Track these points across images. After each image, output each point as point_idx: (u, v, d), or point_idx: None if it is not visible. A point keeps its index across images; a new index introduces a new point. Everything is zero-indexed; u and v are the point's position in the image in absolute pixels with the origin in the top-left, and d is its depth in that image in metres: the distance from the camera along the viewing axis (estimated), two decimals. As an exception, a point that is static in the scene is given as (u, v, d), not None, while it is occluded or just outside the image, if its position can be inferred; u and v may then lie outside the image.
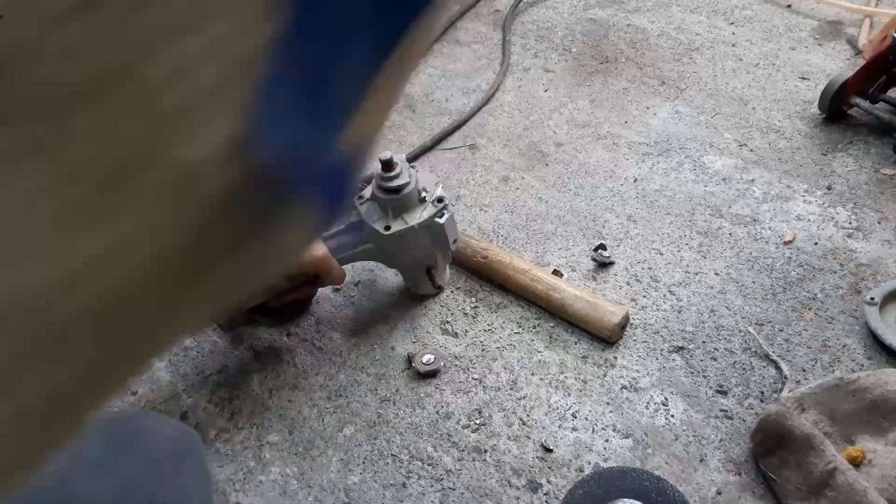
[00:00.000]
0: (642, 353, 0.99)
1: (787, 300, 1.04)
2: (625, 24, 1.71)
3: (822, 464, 0.78)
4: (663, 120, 1.41)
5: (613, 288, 1.09)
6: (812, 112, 1.38)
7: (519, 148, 1.38)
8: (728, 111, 1.42)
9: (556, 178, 1.30)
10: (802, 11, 1.69)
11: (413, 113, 1.50)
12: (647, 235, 1.17)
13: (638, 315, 1.05)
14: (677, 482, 0.85)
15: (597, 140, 1.38)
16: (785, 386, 0.92)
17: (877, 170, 1.24)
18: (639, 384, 0.96)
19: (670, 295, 1.07)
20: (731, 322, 1.02)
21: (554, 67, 1.59)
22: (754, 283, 1.07)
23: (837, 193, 1.20)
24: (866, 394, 0.84)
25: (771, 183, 1.24)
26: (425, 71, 1.62)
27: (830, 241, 1.12)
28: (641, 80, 1.53)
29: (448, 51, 1.69)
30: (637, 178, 1.28)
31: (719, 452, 0.87)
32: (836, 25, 1.63)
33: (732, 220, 1.18)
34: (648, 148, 1.35)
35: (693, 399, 0.93)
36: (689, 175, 1.28)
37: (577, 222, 1.21)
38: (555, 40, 1.68)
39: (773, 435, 0.83)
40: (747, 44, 1.61)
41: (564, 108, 1.47)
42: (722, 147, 1.33)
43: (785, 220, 1.17)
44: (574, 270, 1.12)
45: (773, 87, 1.47)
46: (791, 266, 1.09)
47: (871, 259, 1.08)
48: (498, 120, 1.46)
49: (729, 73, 1.52)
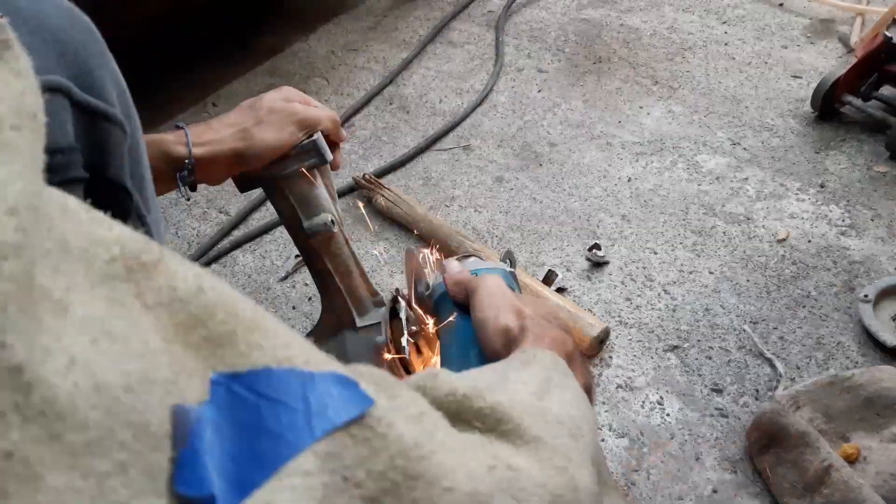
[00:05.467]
0: (637, 353, 0.99)
1: (781, 298, 1.04)
2: (618, 24, 1.72)
3: (817, 461, 0.78)
4: (657, 119, 1.41)
5: (608, 287, 1.09)
6: (805, 110, 1.38)
7: (513, 148, 1.38)
8: (721, 110, 1.42)
9: (551, 179, 1.30)
10: (794, 10, 1.70)
11: (407, 114, 1.50)
12: (642, 235, 1.17)
13: (633, 314, 1.05)
14: (673, 481, 0.85)
15: (590, 140, 1.38)
16: (780, 384, 0.92)
17: (869, 167, 1.24)
18: (634, 383, 0.96)
19: (665, 294, 1.07)
20: (725, 320, 1.02)
21: (547, 68, 1.59)
22: (748, 282, 1.07)
23: (830, 191, 1.21)
24: (861, 391, 0.84)
25: (764, 181, 1.24)
26: (419, 72, 1.62)
27: (824, 239, 1.12)
28: (635, 80, 1.53)
29: (441, 52, 1.69)
30: (631, 178, 1.28)
31: (715, 451, 0.88)
32: (828, 23, 1.63)
33: (726, 219, 1.18)
34: (642, 147, 1.35)
35: (688, 398, 0.93)
36: (683, 174, 1.28)
37: (571, 222, 1.21)
38: (548, 41, 1.68)
39: (769, 433, 0.83)
40: (740, 43, 1.61)
41: (558, 109, 1.47)
42: (715, 146, 1.33)
43: (778, 218, 1.17)
44: (569, 270, 1.12)
45: (765, 85, 1.47)
46: (785, 264, 1.09)
47: (865, 256, 1.09)
48: (492, 121, 1.46)
49: (721, 72, 1.52)
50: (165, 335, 0.25)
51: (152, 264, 0.26)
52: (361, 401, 0.28)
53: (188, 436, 0.23)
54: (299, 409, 0.26)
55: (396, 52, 1.69)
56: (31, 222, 0.21)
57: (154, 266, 0.26)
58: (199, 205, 1.33)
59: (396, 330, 0.86)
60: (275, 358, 0.27)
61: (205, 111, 1.56)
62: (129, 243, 0.26)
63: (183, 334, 0.25)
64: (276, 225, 1.24)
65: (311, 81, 1.63)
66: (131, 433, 0.21)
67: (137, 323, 0.24)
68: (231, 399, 0.25)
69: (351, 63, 1.68)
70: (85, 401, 0.20)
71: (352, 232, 1.22)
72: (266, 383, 0.26)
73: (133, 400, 0.22)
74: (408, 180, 1.33)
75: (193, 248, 1.23)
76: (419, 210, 1.19)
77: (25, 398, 0.19)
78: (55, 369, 0.20)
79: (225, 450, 0.25)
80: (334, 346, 0.88)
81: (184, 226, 1.29)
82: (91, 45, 0.50)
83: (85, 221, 0.25)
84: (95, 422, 0.21)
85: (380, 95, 1.56)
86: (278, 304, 1.12)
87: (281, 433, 0.25)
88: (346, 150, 1.40)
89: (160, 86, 1.52)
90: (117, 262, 0.25)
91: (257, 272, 1.18)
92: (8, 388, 0.19)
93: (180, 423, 0.23)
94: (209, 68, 1.66)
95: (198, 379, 0.25)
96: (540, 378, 0.45)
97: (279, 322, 0.29)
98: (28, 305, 0.20)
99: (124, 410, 0.21)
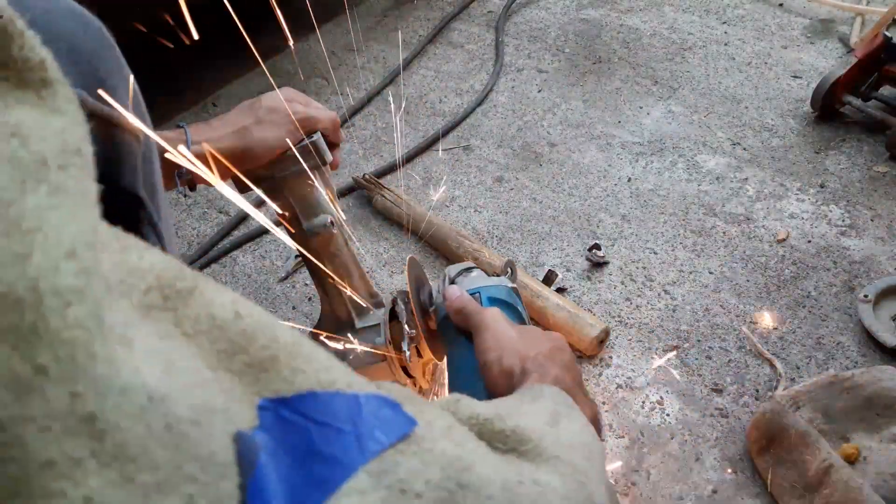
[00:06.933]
0: (637, 353, 0.99)
1: (781, 298, 1.04)
2: (617, 24, 1.72)
3: (817, 461, 0.78)
4: (656, 119, 1.41)
5: (608, 287, 1.09)
6: (804, 110, 1.38)
7: (513, 148, 1.38)
8: (721, 110, 1.42)
9: (551, 179, 1.30)
10: (794, 10, 1.70)
11: (407, 114, 1.50)
12: (642, 235, 1.17)
13: (633, 314, 1.05)
14: (673, 481, 0.85)
15: (590, 140, 1.38)
16: (780, 384, 0.92)
17: (869, 167, 1.24)
18: (634, 383, 0.96)
19: (665, 294, 1.07)
20: (725, 321, 1.02)
21: (547, 68, 1.59)
22: (748, 282, 1.07)
23: (830, 191, 1.21)
24: (861, 391, 0.84)
25: (764, 181, 1.24)
26: (419, 72, 1.62)
27: (824, 239, 1.12)
28: (634, 80, 1.53)
29: (441, 52, 1.69)
30: (631, 178, 1.28)
31: (715, 451, 0.87)
32: (828, 23, 1.63)
33: (726, 219, 1.18)
34: (642, 147, 1.35)
35: (688, 398, 0.93)
36: (683, 174, 1.28)
37: (571, 222, 1.21)
38: (548, 41, 1.68)
39: (769, 433, 0.83)
40: (739, 43, 1.61)
41: (558, 109, 1.47)
42: (715, 146, 1.33)
43: (778, 218, 1.17)
44: (569, 270, 1.12)
45: (765, 85, 1.47)
46: (785, 264, 1.09)
47: (865, 256, 1.09)
48: (492, 121, 1.46)
49: (721, 72, 1.52)
50: (209, 363, 0.25)
51: (188, 291, 0.26)
52: (406, 421, 0.29)
53: (255, 461, 0.24)
54: (348, 430, 0.27)
55: (396, 52, 1.69)
56: (91, 261, 0.21)
57: (190, 293, 0.26)
58: (199, 205, 1.33)
59: (396, 331, 0.86)
60: (318, 382, 0.27)
61: (205, 111, 1.56)
62: (163, 272, 0.26)
63: (226, 361, 0.26)
64: (276, 225, 1.24)
65: (311, 81, 1.63)
66: (199, 465, 0.22)
67: (185, 353, 0.24)
68: (280, 424, 0.26)
69: (351, 63, 1.68)
70: (156, 442, 0.21)
71: (352, 232, 1.22)
72: (313, 407, 0.27)
73: (199, 433, 0.22)
74: (408, 180, 1.33)
75: (193, 248, 1.23)
76: (419, 210, 1.19)
77: (101, 444, 0.19)
78: (129, 412, 0.20)
79: (280, 474, 0.25)
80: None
81: (184, 226, 1.29)
82: (104, 52, 0.50)
83: (117, 250, 0.25)
84: (165, 460, 0.21)
85: (380, 95, 1.56)
86: (278, 304, 1.12)
87: (333, 455, 0.26)
88: (346, 150, 1.40)
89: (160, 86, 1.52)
90: (154, 292, 0.25)
91: (257, 272, 1.18)
92: (84, 436, 0.19)
93: (245, 450, 0.24)
94: (209, 68, 1.66)
95: (246, 405, 0.25)
96: (549, 410, 0.46)
97: (316, 346, 0.29)
98: (101, 346, 0.20)
99: (192, 444, 0.22)
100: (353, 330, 0.87)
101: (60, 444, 0.19)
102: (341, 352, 0.87)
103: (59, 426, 0.19)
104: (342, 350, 0.87)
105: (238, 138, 0.76)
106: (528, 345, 0.59)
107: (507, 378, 0.57)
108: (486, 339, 0.61)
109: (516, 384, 0.55)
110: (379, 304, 0.90)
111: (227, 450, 0.23)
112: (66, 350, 0.19)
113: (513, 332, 0.61)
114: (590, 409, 0.53)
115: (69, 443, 0.19)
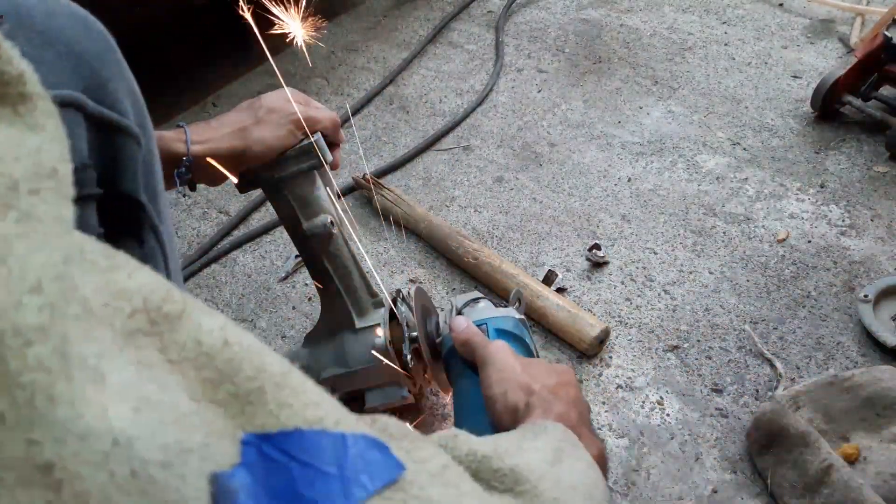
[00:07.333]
0: (637, 353, 0.99)
1: (781, 298, 1.04)
2: (617, 25, 1.72)
3: (817, 461, 0.78)
4: (656, 119, 1.41)
5: (608, 287, 1.09)
6: (804, 110, 1.38)
7: (513, 148, 1.38)
8: (721, 110, 1.42)
9: (551, 179, 1.30)
10: (794, 10, 1.70)
11: (407, 114, 1.50)
12: (642, 235, 1.17)
13: (633, 314, 1.05)
14: (673, 481, 0.85)
15: (590, 140, 1.38)
16: (780, 384, 0.92)
17: (869, 167, 1.24)
18: (634, 383, 0.96)
19: (665, 294, 1.07)
20: (725, 320, 1.02)
21: (547, 68, 1.59)
22: (748, 282, 1.07)
23: (830, 191, 1.21)
24: (861, 391, 0.84)
25: (764, 181, 1.24)
26: (419, 72, 1.62)
27: (824, 239, 1.12)
28: (634, 80, 1.53)
29: (441, 52, 1.69)
30: (631, 178, 1.28)
31: (715, 451, 0.87)
32: (828, 24, 1.63)
33: (726, 219, 1.18)
34: (642, 147, 1.35)
35: (688, 398, 0.93)
36: (683, 174, 1.28)
37: (571, 222, 1.21)
38: (548, 41, 1.68)
39: (769, 433, 0.83)
40: (740, 43, 1.61)
41: (558, 109, 1.47)
42: (715, 146, 1.33)
43: (778, 218, 1.17)
44: (569, 270, 1.12)
45: (765, 85, 1.47)
46: (785, 264, 1.09)
47: (865, 256, 1.09)
48: (492, 121, 1.46)
49: (721, 72, 1.52)
50: (193, 393, 0.24)
51: (176, 315, 0.25)
52: (394, 466, 0.28)
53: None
54: (333, 473, 0.26)
55: (396, 52, 1.69)
56: (57, 295, 0.20)
57: (178, 317, 0.25)
58: (199, 205, 1.33)
59: (395, 331, 0.86)
60: (305, 419, 0.26)
61: (205, 111, 1.56)
62: (151, 293, 0.25)
63: (210, 391, 0.25)
64: (276, 225, 1.24)
65: (311, 81, 1.63)
66: None
67: (166, 383, 0.23)
68: (263, 462, 0.25)
69: (351, 63, 1.68)
70: (119, 490, 0.20)
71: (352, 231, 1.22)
72: (298, 446, 0.26)
73: (170, 476, 0.21)
74: (408, 180, 1.33)
75: (193, 248, 1.23)
76: (419, 210, 1.19)
77: (57, 495, 0.18)
78: (90, 460, 0.19)
79: None
80: (333, 346, 0.88)
81: (184, 226, 1.29)
82: (106, 56, 0.49)
83: (104, 270, 0.24)
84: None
85: (380, 95, 1.56)
86: (278, 304, 1.12)
87: (315, 500, 0.25)
88: (346, 150, 1.40)
89: (160, 86, 1.52)
90: (140, 315, 0.24)
91: (257, 272, 1.18)
92: (40, 486, 0.18)
93: (221, 493, 0.23)
94: (209, 68, 1.66)
95: (227, 439, 0.24)
96: (552, 447, 0.46)
97: (305, 378, 0.28)
98: (64, 387, 0.19)
99: (160, 490, 0.21)
100: (352, 330, 0.88)
101: (14, 495, 0.18)
102: (341, 352, 0.87)
103: (13, 476, 0.18)
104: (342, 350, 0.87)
105: (238, 138, 0.76)
106: (533, 379, 0.58)
107: (512, 413, 0.56)
108: (491, 374, 0.60)
109: (521, 419, 0.55)
110: (379, 304, 0.90)
111: (202, 493, 0.22)
112: (24, 394, 0.18)
113: (518, 366, 0.60)
114: (596, 447, 0.52)
115: (23, 494, 0.18)
